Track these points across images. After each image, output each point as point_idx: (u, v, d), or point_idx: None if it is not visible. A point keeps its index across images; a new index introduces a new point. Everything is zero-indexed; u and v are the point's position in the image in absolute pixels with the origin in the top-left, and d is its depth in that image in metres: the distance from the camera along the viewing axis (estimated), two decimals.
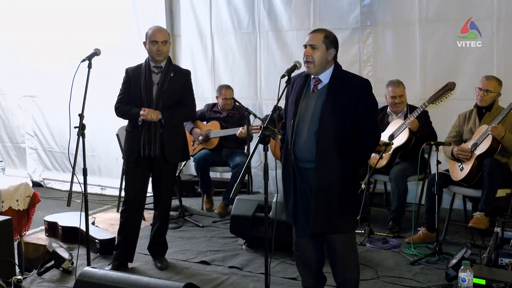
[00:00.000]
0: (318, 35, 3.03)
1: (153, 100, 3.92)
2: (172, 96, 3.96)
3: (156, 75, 3.96)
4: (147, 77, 3.94)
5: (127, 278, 3.03)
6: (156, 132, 3.92)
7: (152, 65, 3.97)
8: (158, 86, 3.93)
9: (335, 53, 3.06)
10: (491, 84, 4.39)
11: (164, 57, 3.95)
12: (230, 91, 5.74)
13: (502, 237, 3.60)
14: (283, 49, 5.96)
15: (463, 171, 4.37)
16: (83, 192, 3.43)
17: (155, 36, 3.90)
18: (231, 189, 2.96)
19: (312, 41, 3.02)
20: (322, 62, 3.02)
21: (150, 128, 3.91)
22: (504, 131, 4.20)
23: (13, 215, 4.03)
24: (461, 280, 2.91)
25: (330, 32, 3.07)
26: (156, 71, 3.96)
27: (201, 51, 6.50)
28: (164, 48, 3.91)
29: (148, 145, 3.92)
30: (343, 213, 3.04)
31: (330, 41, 3.03)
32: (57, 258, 3.90)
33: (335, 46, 3.05)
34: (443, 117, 5.16)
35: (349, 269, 3.17)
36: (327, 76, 3.06)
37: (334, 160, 2.98)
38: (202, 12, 6.41)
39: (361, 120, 3.00)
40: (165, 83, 3.93)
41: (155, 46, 3.89)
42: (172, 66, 4.04)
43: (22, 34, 6.95)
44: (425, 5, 5.29)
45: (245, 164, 3.02)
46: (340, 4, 5.66)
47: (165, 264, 4.11)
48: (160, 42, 3.89)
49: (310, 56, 3.01)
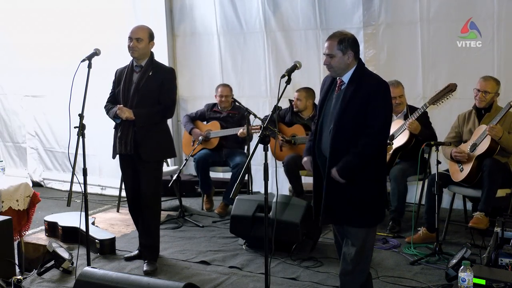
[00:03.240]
0: (331, 42, 3.09)
1: (128, 98, 3.96)
2: (147, 95, 3.94)
3: (136, 74, 3.98)
4: (128, 77, 3.99)
5: (127, 278, 3.04)
6: (129, 130, 3.94)
7: (134, 64, 4.00)
8: (134, 85, 3.96)
9: (354, 54, 3.10)
10: (489, 85, 4.39)
11: (139, 55, 3.95)
12: (226, 89, 5.73)
13: (502, 237, 3.60)
14: (292, 48, 6.00)
15: (463, 172, 4.37)
16: (83, 192, 3.43)
17: (131, 33, 3.94)
18: (231, 189, 2.96)
19: (328, 50, 3.10)
20: (341, 67, 3.10)
21: (124, 126, 3.95)
22: (502, 131, 4.18)
23: (13, 215, 4.03)
24: (461, 280, 2.91)
25: (345, 35, 3.10)
26: (137, 70, 3.99)
27: (207, 51, 6.51)
28: (138, 45, 3.90)
29: (120, 143, 3.97)
30: (354, 207, 3.09)
31: (346, 45, 3.07)
32: (57, 258, 3.90)
33: (352, 48, 3.09)
34: (443, 117, 5.16)
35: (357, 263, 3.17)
36: (347, 77, 3.12)
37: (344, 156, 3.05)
38: (206, 12, 6.42)
39: (369, 120, 3.03)
40: (141, 82, 3.94)
41: (129, 42, 3.92)
42: (154, 65, 4.02)
43: (22, 34, 6.95)
44: (425, 5, 5.29)
45: (245, 164, 3.03)
46: (344, 4, 5.67)
47: (151, 269, 3.97)
48: (133, 39, 3.90)
49: (329, 64, 3.11)
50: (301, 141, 5.31)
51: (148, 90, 3.94)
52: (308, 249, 4.27)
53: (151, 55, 4.04)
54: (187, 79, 6.74)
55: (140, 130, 3.93)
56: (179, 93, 6.84)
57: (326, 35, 5.69)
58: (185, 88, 6.78)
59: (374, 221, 3.19)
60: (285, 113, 5.53)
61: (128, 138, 3.94)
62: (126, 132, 3.94)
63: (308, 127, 5.37)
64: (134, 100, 3.94)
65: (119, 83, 4.04)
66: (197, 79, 6.67)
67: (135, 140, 3.94)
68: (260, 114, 5.46)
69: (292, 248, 4.19)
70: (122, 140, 3.95)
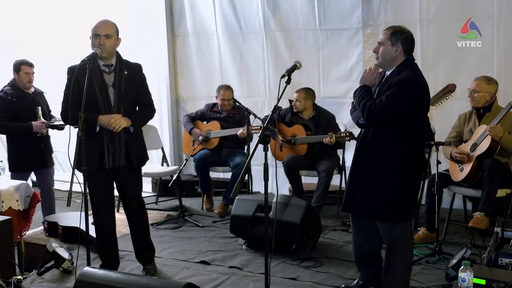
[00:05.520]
0: (386, 32, 3.19)
1: (111, 104, 3.58)
2: (130, 97, 3.67)
3: (109, 75, 3.61)
4: (99, 78, 3.56)
5: (127, 278, 3.03)
6: (120, 140, 3.63)
7: (101, 63, 3.60)
8: (115, 89, 3.60)
9: (404, 50, 3.16)
10: (478, 85, 4.40)
11: (108, 53, 3.56)
12: (229, 92, 5.73)
13: (502, 237, 3.59)
14: (291, 48, 6.01)
15: (463, 172, 4.37)
16: (83, 192, 3.42)
17: (97, 29, 3.54)
18: (231, 189, 2.96)
19: (380, 37, 3.21)
20: (386, 58, 3.18)
21: (113, 136, 3.59)
22: (503, 131, 4.18)
23: (13, 215, 4.03)
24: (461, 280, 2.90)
25: (400, 29, 3.18)
26: (107, 70, 3.61)
27: (207, 51, 6.51)
28: (107, 42, 3.52)
29: (113, 156, 3.62)
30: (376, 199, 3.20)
31: (397, 37, 3.14)
32: (57, 258, 3.89)
33: (403, 44, 3.14)
34: (443, 118, 5.16)
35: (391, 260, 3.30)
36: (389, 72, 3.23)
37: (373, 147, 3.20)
38: (206, 12, 6.43)
39: None
40: (122, 85, 3.60)
41: (97, 40, 3.53)
42: (124, 63, 3.67)
43: (22, 34, 6.96)
44: (425, 5, 5.29)
45: (245, 164, 3.03)
46: (343, 4, 5.68)
47: (150, 269, 3.93)
48: (102, 36, 3.52)
49: (377, 51, 3.21)
50: (301, 141, 5.31)
51: (130, 93, 3.65)
52: (308, 249, 4.27)
53: (118, 53, 3.67)
54: (187, 79, 6.74)
55: (130, 139, 3.69)
56: (179, 93, 6.86)
57: (325, 35, 5.84)
58: (185, 88, 6.78)
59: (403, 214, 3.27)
60: (285, 113, 5.52)
61: (121, 149, 3.63)
62: (118, 142, 3.62)
63: (308, 127, 5.37)
64: (121, 106, 3.60)
65: (83, 85, 3.42)
66: (197, 79, 6.67)
67: (127, 150, 3.68)
68: (259, 114, 5.45)
69: (292, 248, 4.19)
70: (115, 152, 3.62)
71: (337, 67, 5.82)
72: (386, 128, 3.16)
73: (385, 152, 3.16)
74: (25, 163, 4.88)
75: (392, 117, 3.12)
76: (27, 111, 4.85)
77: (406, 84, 3.10)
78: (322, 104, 5.76)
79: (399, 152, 3.16)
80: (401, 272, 3.31)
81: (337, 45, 5.80)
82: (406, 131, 3.14)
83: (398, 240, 3.27)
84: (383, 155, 3.17)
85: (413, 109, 3.13)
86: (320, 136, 5.18)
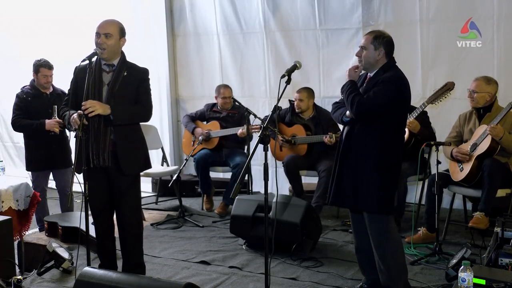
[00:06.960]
0: (368, 37, 3.33)
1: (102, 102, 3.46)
2: (124, 97, 3.51)
3: (107, 74, 3.53)
4: (97, 76, 3.49)
5: (127, 278, 3.03)
6: (106, 138, 3.47)
7: (103, 63, 3.55)
8: (108, 87, 3.49)
9: (386, 53, 3.30)
10: (478, 85, 4.40)
11: (109, 53, 3.48)
12: (228, 90, 5.74)
13: (502, 237, 3.59)
14: (291, 48, 6.01)
15: (463, 172, 4.37)
16: (83, 192, 3.42)
17: (98, 27, 3.49)
18: (231, 189, 2.96)
19: (363, 42, 3.33)
20: (370, 61, 3.31)
21: (98, 134, 3.46)
22: (503, 131, 4.18)
23: (13, 215, 4.03)
24: (461, 280, 2.90)
25: (381, 33, 3.34)
26: (107, 69, 3.54)
27: (207, 51, 6.51)
28: (107, 41, 3.44)
29: (97, 155, 3.46)
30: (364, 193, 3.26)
31: (379, 42, 3.28)
32: (57, 258, 3.89)
33: (385, 47, 3.29)
34: (443, 117, 5.16)
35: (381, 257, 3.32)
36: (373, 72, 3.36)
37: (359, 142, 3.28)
38: (206, 12, 6.43)
39: None
40: (116, 83, 3.49)
41: (97, 38, 3.47)
42: (127, 65, 3.57)
43: (24, 38, 7.05)
44: (425, 5, 5.29)
45: (245, 164, 3.03)
46: (343, 4, 5.68)
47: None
48: (102, 34, 3.45)
49: (360, 55, 3.34)
50: (301, 141, 5.31)
51: (124, 93, 3.51)
52: (308, 249, 4.27)
53: (122, 54, 3.59)
54: (187, 79, 6.74)
55: (120, 141, 3.51)
56: (179, 93, 6.86)
57: (325, 35, 5.84)
58: (185, 88, 6.78)
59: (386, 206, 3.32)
60: (285, 113, 5.52)
61: (105, 149, 3.46)
62: (103, 141, 3.46)
63: (308, 127, 5.37)
64: (111, 103, 3.45)
65: (82, 84, 3.43)
66: (197, 79, 6.67)
67: (114, 152, 3.50)
68: (259, 114, 5.46)
69: (292, 248, 4.19)
70: (96, 151, 3.46)
71: (337, 67, 5.82)
72: (372, 123, 3.25)
73: (372, 146, 3.25)
74: (38, 163, 4.97)
75: (379, 112, 3.22)
76: (41, 110, 4.91)
77: (393, 81, 3.23)
78: (322, 104, 5.76)
79: (384, 146, 3.25)
80: (396, 266, 3.34)
81: (337, 45, 5.80)
82: (391, 126, 3.26)
83: (387, 231, 3.33)
84: (370, 150, 3.25)
85: (398, 105, 3.27)
86: (320, 136, 5.18)
